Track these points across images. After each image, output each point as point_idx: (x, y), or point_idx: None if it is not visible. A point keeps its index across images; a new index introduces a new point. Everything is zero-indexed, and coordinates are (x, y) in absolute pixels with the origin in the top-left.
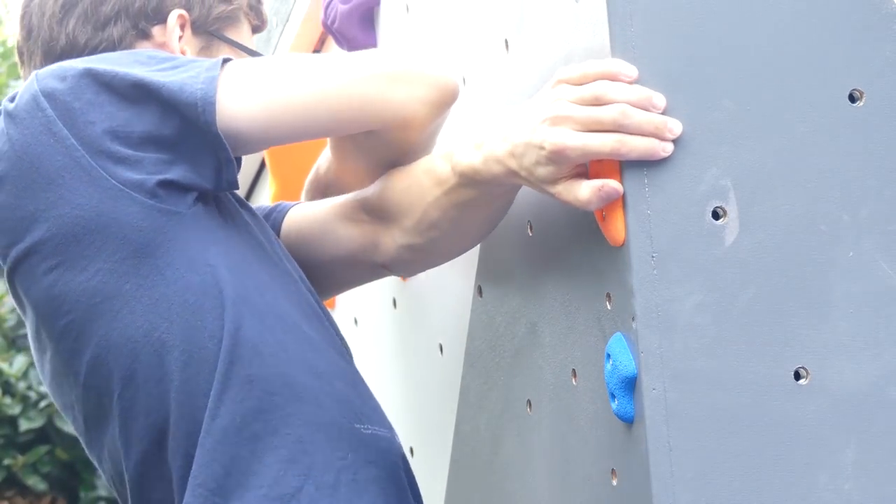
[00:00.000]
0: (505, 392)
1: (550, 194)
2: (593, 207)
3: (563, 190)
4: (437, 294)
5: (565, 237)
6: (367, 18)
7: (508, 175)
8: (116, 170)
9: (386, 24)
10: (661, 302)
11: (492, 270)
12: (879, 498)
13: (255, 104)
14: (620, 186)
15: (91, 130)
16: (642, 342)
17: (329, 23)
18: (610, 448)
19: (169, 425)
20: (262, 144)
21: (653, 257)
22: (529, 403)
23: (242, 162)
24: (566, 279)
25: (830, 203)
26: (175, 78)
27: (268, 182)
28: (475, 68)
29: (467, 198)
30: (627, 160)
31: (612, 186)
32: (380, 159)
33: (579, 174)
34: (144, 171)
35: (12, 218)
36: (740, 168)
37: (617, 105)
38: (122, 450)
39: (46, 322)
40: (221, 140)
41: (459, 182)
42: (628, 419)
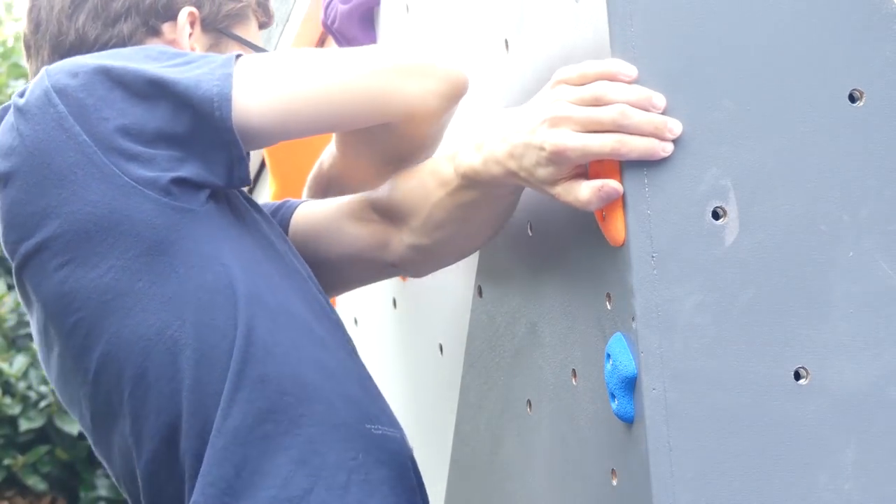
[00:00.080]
0: (505, 392)
1: (550, 195)
2: (593, 208)
3: (563, 190)
4: (437, 294)
5: (565, 237)
6: (367, 18)
7: (508, 176)
8: (129, 167)
9: (386, 24)
10: (661, 302)
11: (492, 270)
12: (879, 498)
13: (269, 99)
14: (620, 186)
15: (103, 127)
16: (642, 342)
17: (329, 23)
18: (610, 448)
19: (180, 424)
20: (275, 139)
21: (653, 257)
22: (529, 403)
23: None
24: (566, 279)
25: (830, 203)
26: (190, 74)
27: (268, 182)
28: (475, 68)
29: (470, 199)
30: (627, 160)
31: (612, 186)
32: (386, 154)
33: (579, 174)
34: (157, 169)
35: (22, 214)
36: (740, 168)
37: (616, 105)
38: (134, 448)
39: (55, 319)
40: (235, 136)
41: (461, 183)
42: (628, 419)
